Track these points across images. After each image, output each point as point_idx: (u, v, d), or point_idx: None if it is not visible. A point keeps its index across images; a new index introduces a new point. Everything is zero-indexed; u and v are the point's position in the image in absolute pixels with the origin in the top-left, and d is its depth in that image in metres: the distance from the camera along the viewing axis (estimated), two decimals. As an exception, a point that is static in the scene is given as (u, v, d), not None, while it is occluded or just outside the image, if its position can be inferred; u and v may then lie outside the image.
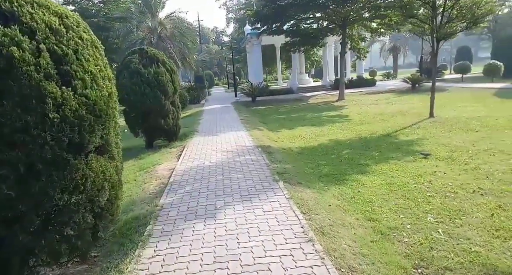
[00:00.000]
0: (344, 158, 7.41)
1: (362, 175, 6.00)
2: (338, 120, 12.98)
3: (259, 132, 10.60)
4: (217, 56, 59.69)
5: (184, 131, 11.57)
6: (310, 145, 9.07)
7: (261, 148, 7.97)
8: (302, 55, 29.83)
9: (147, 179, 6.39)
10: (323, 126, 11.92)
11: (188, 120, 15.11)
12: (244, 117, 14.41)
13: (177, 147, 9.21)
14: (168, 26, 23.43)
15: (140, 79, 9.13)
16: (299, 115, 15.35)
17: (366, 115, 13.34)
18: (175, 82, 9.97)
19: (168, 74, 9.70)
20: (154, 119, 9.47)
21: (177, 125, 10.27)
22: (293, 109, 18.27)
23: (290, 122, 13.47)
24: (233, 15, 64.30)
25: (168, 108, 9.64)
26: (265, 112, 17.86)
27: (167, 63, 9.91)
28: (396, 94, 20.49)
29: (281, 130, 11.80)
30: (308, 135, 10.47)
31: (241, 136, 9.75)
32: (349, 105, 17.64)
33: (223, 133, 10.62)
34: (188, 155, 7.88)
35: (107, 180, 3.28)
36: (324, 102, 20.25)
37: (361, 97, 20.54)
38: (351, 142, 9.00)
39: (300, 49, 22.98)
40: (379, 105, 16.32)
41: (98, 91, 3.14)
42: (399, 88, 22.61)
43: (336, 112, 15.28)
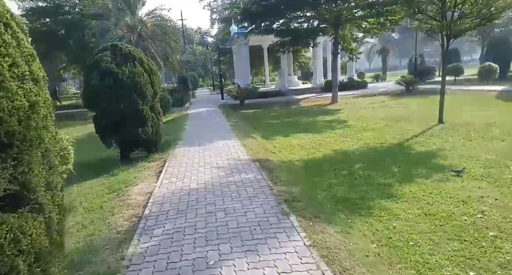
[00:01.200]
0: (358, 174, 6.21)
1: (388, 200, 4.81)
2: (337, 126, 11.84)
3: (252, 141, 9.31)
4: (201, 57, 58.14)
5: (167, 140, 10.16)
6: (313, 156, 7.85)
7: (258, 162, 6.69)
8: (290, 57, 28.73)
9: (116, 207, 4.99)
10: (322, 133, 10.74)
11: (171, 127, 13.66)
12: (233, 123, 13.08)
13: (158, 160, 7.80)
14: (149, 24, 21.86)
15: (113, 81, 7.70)
16: (293, 120, 14.15)
17: (367, 121, 12.25)
18: (155, 84, 8.57)
19: (146, 75, 8.29)
20: (130, 127, 8.05)
21: (158, 134, 8.86)
22: (285, 113, 17.07)
23: (284, 128, 12.24)
24: (218, 15, 62.89)
25: (147, 115, 8.23)
26: (255, 116, 16.59)
27: (145, 62, 8.50)
28: (391, 97, 19.61)
29: (276, 137, 10.55)
30: (308, 144, 9.26)
31: (232, 147, 8.43)
32: (344, 109, 16.58)
33: (211, 142, 9.27)
34: (170, 171, 6.51)
35: (25, 251, 1.91)
36: (317, 105, 19.15)
37: (354, 100, 19.56)
38: (360, 153, 7.83)
39: (290, 50, 21.87)
40: (377, 109, 15.32)
41: (5, 101, 1.79)
42: (393, 91, 21.79)
43: (332, 117, 14.16)
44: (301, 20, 19.51)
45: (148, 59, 8.84)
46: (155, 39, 22.04)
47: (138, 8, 21.53)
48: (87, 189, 6.33)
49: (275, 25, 20.17)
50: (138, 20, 21.30)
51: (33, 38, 9.64)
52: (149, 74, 8.45)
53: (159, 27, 22.17)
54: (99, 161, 9.10)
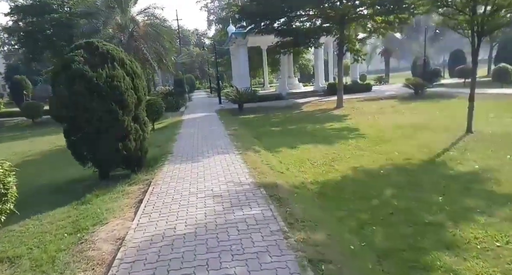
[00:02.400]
0: (393, 206, 4.85)
1: (450, 254, 3.46)
2: (349, 135, 10.49)
3: (255, 155, 7.92)
4: (198, 59, 56.79)
5: (154, 154, 8.78)
6: (329, 177, 6.49)
7: (264, 189, 5.31)
8: (291, 58, 27.48)
9: (72, 264, 3.60)
10: (333, 144, 9.39)
11: (162, 135, 12.28)
12: (232, 131, 11.70)
13: (140, 183, 6.41)
14: (141, 24, 20.49)
15: (85, 86, 6.31)
16: (298, 128, 12.79)
17: (382, 129, 10.92)
18: (139, 89, 7.18)
19: (128, 79, 6.92)
20: (108, 142, 6.65)
21: (143, 148, 7.46)
22: (287, 119, 15.73)
23: (289, 138, 10.88)
24: (215, 17, 61.62)
25: (129, 127, 6.84)
26: (256, 122, 15.22)
27: (127, 63, 7.12)
28: (400, 101, 18.32)
29: (281, 149, 9.18)
30: (320, 159, 7.90)
31: (232, 164, 7.05)
32: (352, 114, 15.26)
33: (206, 157, 7.88)
34: (153, 203, 5.12)
35: None
36: (321, 110, 17.83)
37: (361, 105, 18.26)
38: (386, 173, 6.48)
39: (291, 51, 20.56)
40: (387, 115, 14.01)
41: None
42: (401, 94, 20.50)
43: (341, 124, 12.82)
44: (303, 19, 18.19)
45: (132, 60, 7.45)
46: (148, 39, 20.69)
47: (130, 6, 20.16)
48: (47, 225, 4.94)
49: (276, 24, 18.87)
50: (129, 19, 19.93)
51: (18, 37, 8.06)
52: (132, 78, 7.07)
53: (152, 26, 20.82)
54: (73, 181, 7.70)
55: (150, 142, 10.93)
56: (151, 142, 10.96)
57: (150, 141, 11.00)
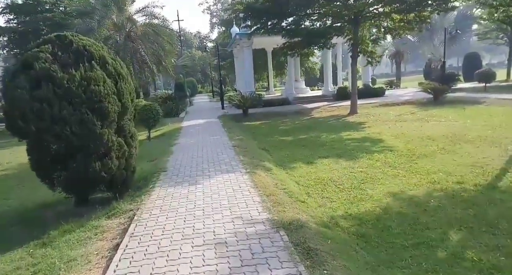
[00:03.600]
0: (472, 263, 3.40)
1: None
2: (373, 148, 9.04)
3: (265, 175, 6.48)
4: (200, 62, 55.61)
5: (145, 171, 7.38)
6: (365, 208, 5.04)
7: (285, 231, 3.87)
8: (297, 61, 26.13)
9: None
10: (357, 159, 7.95)
11: (157, 146, 10.88)
12: (237, 141, 10.27)
13: (121, 216, 4.97)
14: (139, 23, 19.19)
15: (53, 91, 4.93)
16: (311, 137, 11.36)
17: (410, 141, 9.46)
18: (125, 94, 5.78)
19: (110, 82, 5.53)
20: (82, 162, 5.25)
21: (129, 167, 6.05)
22: (297, 126, 14.30)
23: (303, 150, 9.45)
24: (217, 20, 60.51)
25: (110, 141, 5.43)
26: (262, 130, 13.80)
27: (109, 63, 5.73)
28: (419, 107, 16.86)
29: (295, 165, 7.76)
30: (345, 179, 6.47)
31: (239, 188, 5.61)
32: (369, 122, 13.80)
33: (207, 177, 6.44)
34: (131, 254, 3.68)
35: None
36: (333, 116, 16.39)
37: (376, 111, 16.81)
38: (438, 203, 5.02)
39: (300, 53, 19.16)
40: (410, 123, 12.55)
41: None
42: (417, 100, 19.03)
43: (360, 133, 11.37)
44: (314, 17, 16.81)
45: (116, 59, 6.06)
46: (146, 40, 19.38)
47: (127, 4, 18.87)
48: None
49: (284, 24, 17.51)
50: (126, 18, 18.63)
51: (9, 38, 6.32)
52: (115, 81, 5.68)
53: (151, 26, 19.51)
54: (44, 206, 6.32)
55: (143, 154, 9.55)
56: (144, 154, 9.58)
57: (143, 153, 9.62)
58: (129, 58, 18.37)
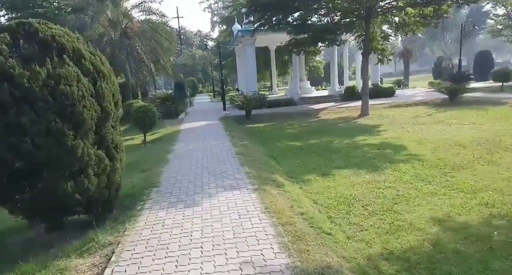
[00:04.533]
0: None
1: None
2: (397, 156, 7.94)
3: (277, 193, 5.38)
4: (201, 61, 54.51)
5: (134, 187, 6.28)
6: (407, 241, 3.95)
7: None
8: (302, 60, 24.99)
9: None
10: (380, 170, 6.86)
11: (151, 152, 9.78)
12: (240, 148, 9.17)
13: (97, 253, 3.88)
14: (135, 19, 18.10)
15: (10, 91, 3.85)
16: (322, 142, 10.27)
17: (437, 148, 8.36)
18: (106, 96, 4.69)
19: (87, 82, 4.44)
20: (50, 181, 4.17)
21: (112, 184, 4.96)
22: (305, 129, 13.22)
23: (315, 158, 8.36)
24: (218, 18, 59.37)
25: (86, 155, 4.34)
26: (268, 134, 12.70)
27: (86, 57, 4.64)
28: (435, 109, 15.75)
29: (309, 178, 6.68)
30: (372, 198, 5.39)
31: (246, 213, 4.52)
32: (384, 125, 12.70)
33: (207, 197, 5.34)
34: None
35: None
36: (342, 118, 15.28)
37: (389, 112, 15.70)
38: (507, 237, 3.92)
39: (306, 50, 18.03)
40: (431, 127, 11.44)
41: None
42: (431, 100, 17.89)
43: (376, 138, 10.26)
44: (321, 12, 15.68)
45: (95, 53, 4.96)
46: (144, 37, 18.28)
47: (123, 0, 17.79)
48: None
49: (289, 19, 16.40)
50: (121, 13, 17.54)
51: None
52: (93, 81, 4.60)
53: (148, 22, 18.41)
54: (12, 230, 5.26)
55: (136, 162, 8.48)
56: (137, 161, 8.51)
57: (135, 160, 8.56)
58: (125, 56, 17.30)
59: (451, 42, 24.72)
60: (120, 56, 16.98)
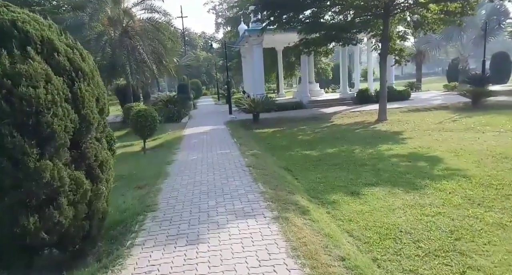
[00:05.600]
0: None
1: None
2: (433, 170, 6.80)
3: (303, 224, 4.27)
4: (205, 63, 53.67)
5: (126, 209, 5.20)
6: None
7: None
8: (311, 61, 23.94)
9: None
10: (420, 189, 5.75)
11: (150, 162, 8.70)
12: (251, 158, 8.08)
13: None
14: (137, 17, 17.12)
15: None
16: (342, 152, 9.14)
17: (479, 160, 7.21)
18: (86, 101, 3.62)
19: (61, 82, 3.38)
20: (6, 214, 3.10)
21: (95, 214, 3.89)
22: (319, 136, 12.10)
23: (338, 171, 7.24)
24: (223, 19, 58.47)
25: (56, 179, 3.26)
26: (279, 141, 11.61)
27: (62, 51, 3.57)
28: (458, 113, 14.58)
29: (337, 199, 5.57)
30: (421, 228, 4.29)
31: (268, 261, 3.41)
32: (407, 131, 11.56)
33: (215, 229, 4.23)
34: None
35: None
36: (358, 124, 14.16)
37: (408, 117, 14.55)
38: None
39: (317, 51, 16.97)
40: (459, 134, 10.30)
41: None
42: (452, 104, 16.71)
43: (403, 147, 9.12)
44: (336, 9, 14.59)
45: (75, 46, 3.89)
46: (145, 36, 17.29)
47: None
48: None
49: (301, 17, 15.33)
50: (122, 11, 16.56)
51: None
52: (70, 81, 3.54)
53: (151, 21, 17.42)
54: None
55: (132, 173, 7.44)
56: (134, 173, 7.46)
57: (132, 171, 7.52)
58: (125, 56, 16.30)
59: (469, 43, 23.46)
60: (120, 56, 15.99)
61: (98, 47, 15.81)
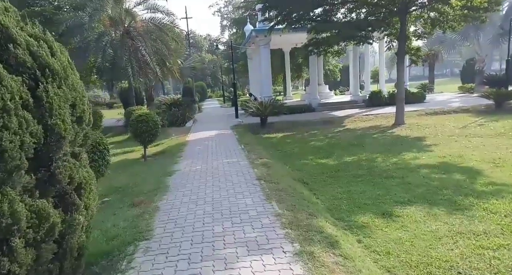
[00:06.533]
0: None
1: None
2: (475, 184, 5.86)
3: (333, 262, 3.37)
4: (210, 65, 53.05)
5: (117, 234, 4.34)
6: None
7: None
8: (320, 62, 23.01)
9: None
10: (465, 210, 4.83)
11: (150, 171, 7.85)
12: (262, 169, 7.17)
13: None
14: (139, 18, 16.38)
15: None
16: (362, 161, 8.22)
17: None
18: (56, 108, 2.76)
19: (17, 83, 2.52)
20: None
21: (68, 253, 3.01)
22: (333, 141, 11.19)
23: (362, 185, 6.33)
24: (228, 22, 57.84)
25: (5, 216, 2.39)
26: (290, 147, 10.70)
27: (21, 42, 2.72)
28: (481, 117, 13.56)
29: (367, 223, 4.67)
30: (484, 270, 3.33)
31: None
32: (429, 137, 10.60)
33: (222, 270, 3.34)
34: None
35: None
36: (374, 128, 13.21)
37: (427, 121, 13.57)
38: None
39: (329, 50, 16.08)
40: (491, 140, 9.33)
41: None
42: (473, 107, 15.67)
43: (430, 156, 8.15)
44: (350, 6, 13.66)
45: (42, 37, 3.04)
46: (148, 37, 16.52)
47: (126, -4, 16.10)
48: None
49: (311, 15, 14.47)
50: (124, 11, 15.83)
51: None
52: (33, 82, 2.69)
53: (154, 21, 16.67)
54: None
55: (128, 187, 6.60)
56: (129, 187, 6.62)
57: (128, 184, 6.69)
58: (127, 58, 15.56)
59: (486, 43, 22.35)
60: (122, 58, 15.24)
61: (98, 48, 15.07)
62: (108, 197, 6.63)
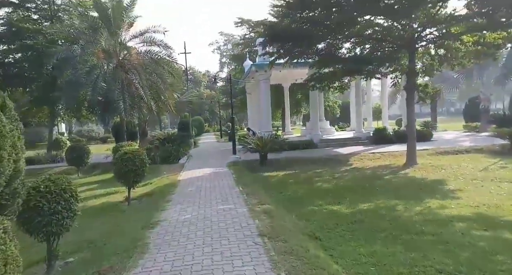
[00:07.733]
0: None
1: None
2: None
3: None
4: (208, 101, 52.95)
5: None
6: None
7: None
8: (321, 97, 22.49)
9: None
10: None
11: (131, 220, 6.54)
12: (265, 221, 5.93)
13: None
14: (134, 51, 15.82)
15: None
16: (379, 208, 7.02)
17: None
18: None
19: None
20: None
21: None
22: (342, 183, 10.02)
23: (388, 244, 5.11)
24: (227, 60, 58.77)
25: None
26: (294, 190, 9.47)
27: None
28: (497, 157, 12.58)
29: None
30: None
31: None
32: (448, 180, 9.49)
33: None
34: None
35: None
36: (384, 167, 12.11)
37: (441, 161, 12.51)
38: None
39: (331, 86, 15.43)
40: None
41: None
42: (487, 147, 14.73)
43: (460, 204, 6.97)
44: (356, 40, 13.15)
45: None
46: (143, 70, 15.84)
47: (121, 28, 15.63)
48: None
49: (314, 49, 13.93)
50: (118, 43, 15.29)
51: None
52: None
53: (150, 54, 16.11)
54: None
55: (97, 241, 5.31)
56: (99, 242, 5.33)
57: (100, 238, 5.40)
58: (119, 91, 14.75)
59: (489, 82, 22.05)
60: (114, 91, 14.43)
61: (89, 81, 14.29)
62: (73, 256, 5.33)
